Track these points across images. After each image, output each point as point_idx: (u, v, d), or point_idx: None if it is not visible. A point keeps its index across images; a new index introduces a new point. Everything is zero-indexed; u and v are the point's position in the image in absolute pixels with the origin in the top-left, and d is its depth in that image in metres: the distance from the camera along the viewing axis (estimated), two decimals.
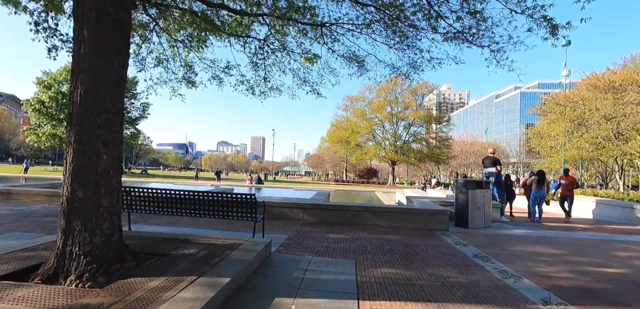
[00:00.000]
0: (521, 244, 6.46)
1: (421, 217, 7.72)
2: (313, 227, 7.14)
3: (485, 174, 10.55)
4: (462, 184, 8.42)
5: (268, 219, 7.70)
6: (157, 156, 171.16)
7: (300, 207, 8.03)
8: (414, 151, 49.62)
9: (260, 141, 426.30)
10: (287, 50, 8.34)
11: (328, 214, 7.95)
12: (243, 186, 26.42)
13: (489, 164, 10.40)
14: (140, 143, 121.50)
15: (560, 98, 18.68)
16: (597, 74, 17.05)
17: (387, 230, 7.28)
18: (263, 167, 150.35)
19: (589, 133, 16.11)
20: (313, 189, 26.60)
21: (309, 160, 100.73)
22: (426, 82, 48.75)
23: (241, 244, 4.43)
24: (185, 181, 30.19)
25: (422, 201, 9.43)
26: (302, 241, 5.80)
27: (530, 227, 9.15)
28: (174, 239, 4.59)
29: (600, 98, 16.15)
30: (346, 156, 59.25)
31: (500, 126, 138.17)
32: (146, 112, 54.07)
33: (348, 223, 7.74)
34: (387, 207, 7.94)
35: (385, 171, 78.89)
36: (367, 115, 51.11)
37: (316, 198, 9.45)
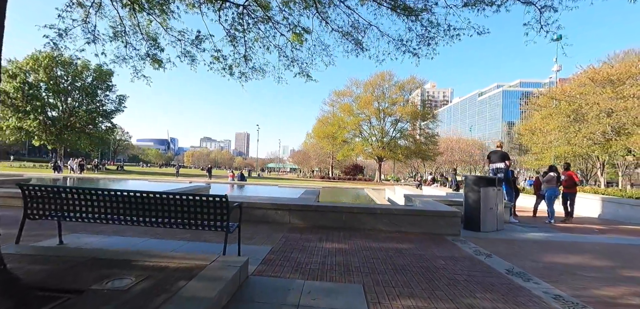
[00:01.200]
0: (552, 253, 5.42)
1: (429, 220, 6.59)
2: (303, 234, 5.88)
3: (492, 170, 9.57)
4: (474, 182, 7.35)
5: (249, 223, 6.39)
6: (136, 152, 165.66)
7: (287, 208, 6.75)
8: (401, 148, 49.03)
9: (245, 137, 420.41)
10: (272, 22, 6.99)
11: (320, 217, 6.71)
12: (225, 183, 24.85)
13: (496, 160, 9.41)
14: (119, 138, 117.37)
15: (556, 92, 18.07)
16: (595, 68, 16.50)
17: (391, 236, 6.11)
18: (247, 163, 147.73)
19: (587, 128, 15.47)
20: (300, 186, 25.31)
21: (295, 156, 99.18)
22: (413, 78, 48.22)
23: (205, 266, 3.14)
24: (164, 179, 28.30)
25: (425, 201, 8.33)
26: (290, 254, 4.54)
27: (545, 229, 8.21)
28: (110, 260, 3.24)
29: (598, 92, 15.53)
30: (332, 153, 58.14)
31: (484, 123, 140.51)
32: (122, 105, 51.22)
33: (344, 228, 6.53)
34: (388, 208, 6.76)
35: (371, 168, 78.33)
36: (354, 110, 50.16)
37: (305, 197, 8.20)
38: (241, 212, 4.30)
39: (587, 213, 11.91)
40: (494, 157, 9.57)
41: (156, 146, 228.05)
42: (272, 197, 7.72)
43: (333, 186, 27.99)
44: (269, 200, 7.16)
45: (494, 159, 9.56)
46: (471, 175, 8.18)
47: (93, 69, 45.87)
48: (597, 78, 16.05)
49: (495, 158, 9.49)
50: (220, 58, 6.96)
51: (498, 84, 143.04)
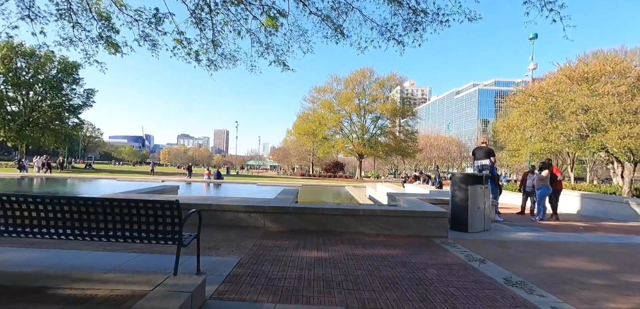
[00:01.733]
0: (547, 256, 5.04)
1: (415, 222, 6.11)
2: (277, 240, 5.24)
3: (477, 167, 9.26)
4: (461, 180, 6.93)
5: (217, 228, 5.68)
6: (109, 149, 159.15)
7: (261, 211, 6.08)
8: (381, 145, 49.08)
9: (224, 134, 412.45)
10: (244, 3, 6.27)
11: (298, 220, 6.08)
12: (200, 182, 23.74)
13: (481, 156, 9.08)
14: (89, 135, 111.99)
15: (533, 90, 18.24)
16: (571, 65, 16.72)
17: (376, 240, 5.58)
18: (226, 161, 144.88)
19: (565, 125, 15.62)
20: (279, 184, 24.54)
21: (275, 154, 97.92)
22: (394, 75, 48.29)
23: (146, 293, 2.45)
24: (135, 177, 26.75)
25: (409, 200, 7.86)
26: (261, 267, 3.89)
27: (531, 227, 7.94)
28: (20, 288, 2.48)
29: (575, 89, 15.71)
30: (313, 150, 57.56)
31: (460, 121, 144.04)
32: (91, 100, 48.41)
33: (324, 231, 5.93)
34: (372, 210, 6.22)
35: (351, 165, 78.38)
36: (335, 107, 49.71)
37: (282, 198, 7.54)
38: (200, 220, 3.60)
39: (568, 210, 11.90)
40: (479, 154, 9.25)
41: (130, 143, 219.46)
42: (245, 198, 7.00)
43: (313, 184, 27.41)
44: (241, 201, 6.45)
45: (479, 155, 9.24)
46: (458, 172, 7.78)
47: (58, 61, 43.04)
48: (573, 76, 16.24)
49: (481, 155, 9.17)
50: (183, 41, 6.16)
51: (474, 82, 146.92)
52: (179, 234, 3.00)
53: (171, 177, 28.92)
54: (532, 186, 10.68)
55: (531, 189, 10.62)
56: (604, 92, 14.71)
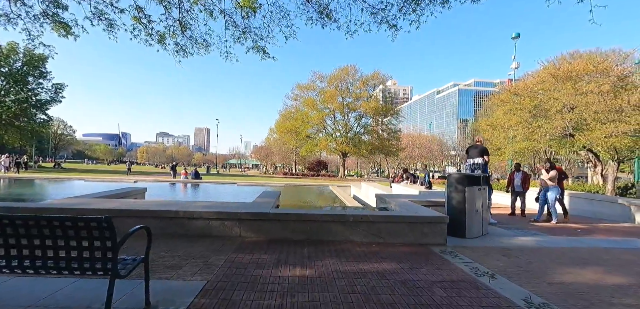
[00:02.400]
0: (559, 267, 4.50)
1: (412, 228, 5.47)
2: (255, 254, 4.46)
3: (469, 166, 8.78)
4: (457, 180, 6.35)
5: (184, 239, 4.85)
6: (82, 147, 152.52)
7: (236, 218, 5.28)
8: (365, 143, 48.79)
9: (205, 133, 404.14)
10: None
11: (279, 228, 5.33)
12: (176, 181, 22.46)
13: (475, 154, 8.59)
14: (60, 133, 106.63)
15: (518, 88, 18.15)
16: (555, 64, 16.69)
17: (368, 250, 4.90)
18: (207, 159, 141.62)
19: (550, 123, 15.52)
20: (260, 183, 23.61)
21: (257, 152, 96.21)
22: (377, 73, 48.08)
23: None
24: (106, 178, 25.09)
25: (402, 202, 7.24)
26: (231, 294, 3.11)
27: (528, 231, 7.50)
28: None
29: (560, 88, 15.64)
30: (296, 148, 56.66)
31: (441, 120, 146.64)
32: (60, 95, 45.65)
33: (310, 241, 5.20)
34: (363, 215, 5.53)
35: (335, 164, 78.01)
36: (318, 105, 48.98)
37: (262, 201, 6.75)
38: (150, 238, 2.78)
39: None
40: (473, 152, 8.76)
41: (105, 141, 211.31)
42: (219, 203, 6.16)
43: (296, 183, 26.61)
44: (213, 207, 5.62)
45: (472, 154, 8.75)
46: (455, 172, 7.21)
47: (23, 53, 40.26)
48: (558, 74, 16.18)
49: (474, 153, 8.68)
50: (144, 19, 5.26)
51: (454, 82, 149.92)
52: (113, 262, 2.18)
53: (148, 177, 27.38)
54: (521, 185, 10.34)
55: (520, 189, 10.28)
56: (588, 91, 14.68)
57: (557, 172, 8.92)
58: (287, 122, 51.64)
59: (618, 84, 15.10)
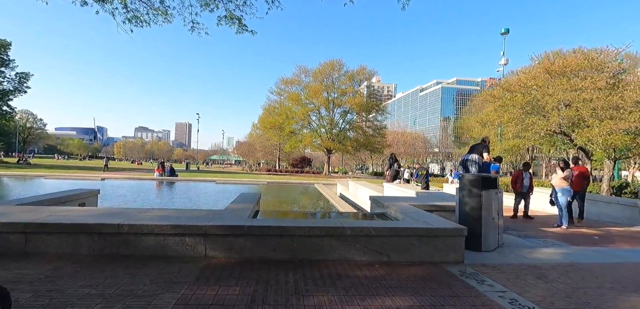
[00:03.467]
0: (615, 294, 3.53)
1: (422, 243, 4.41)
2: (221, 286, 3.27)
3: (462, 162, 7.92)
4: (472, 182, 5.35)
5: (131, 262, 3.59)
6: (55, 142, 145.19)
7: (200, 233, 4.06)
8: (350, 139, 47.92)
9: (186, 128, 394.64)
10: None
11: (257, 245, 4.15)
12: (147, 180, 20.74)
13: (473, 151, 7.71)
14: (29, 126, 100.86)
15: (512, 83, 17.56)
16: (550, 60, 16.15)
17: (371, 274, 3.80)
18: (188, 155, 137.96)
19: (545, 121, 14.94)
20: (241, 181, 22.22)
21: (239, 148, 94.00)
22: (364, 68, 47.22)
23: None
24: (75, 174, 22.98)
25: (404, 208, 6.18)
26: None
27: (545, 239, 6.62)
28: None
29: (556, 83, 15.07)
30: (279, 144, 55.19)
31: (424, 117, 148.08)
32: (24, 85, 42.45)
33: (296, 263, 4.05)
34: (364, 227, 4.42)
35: (318, 160, 77.03)
36: (303, 100, 47.69)
37: (237, 207, 5.52)
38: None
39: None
40: (471, 150, 7.89)
41: (80, 135, 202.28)
42: (180, 213, 4.88)
43: (279, 181, 25.33)
44: (170, 218, 4.35)
45: (470, 151, 7.89)
46: (469, 174, 6.21)
47: None
48: (552, 69, 15.63)
49: (475, 150, 7.79)
50: None
51: (437, 80, 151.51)
52: None
53: (123, 173, 25.40)
54: (527, 185, 9.56)
55: (527, 190, 9.50)
56: (584, 87, 14.15)
57: (570, 171, 8.12)
58: (270, 117, 50.13)
59: (611, 81, 14.68)
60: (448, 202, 7.08)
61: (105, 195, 12.33)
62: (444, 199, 7.65)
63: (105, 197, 11.61)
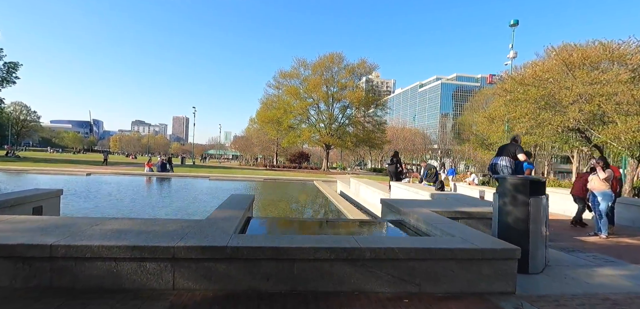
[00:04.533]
0: None
1: (462, 268, 3.36)
2: None
3: (491, 166, 6.86)
4: (517, 187, 4.28)
5: (69, 300, 2.49)
6: (50, 134, 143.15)
7: (168, 256, 2.97)
8: (349, 135, 46.82)
9: (184, 122, 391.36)
10: None
11: (245, 273, 3.08)
12: (138, 174, 19.57)
13: (504, 153, 6.62)
14: (22, 118, 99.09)
15: (526, 76, 16.49)
16: (570, 48, 15.07)
17: None
18: (185, 149, 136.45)
19: (562, 116, 13.91)
20: (238, 177, 21.13)
21: (237, 143, 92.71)
22: (364, 61, 46.05)
23: None
24: (62, 168, 21.78)
25: (425, 215, 5.12)
26: None
27: (593, 254, 5.58)
28: None
29: (575, 75, 14.02)
30: (277, 139, 53.99)
31: (424, 113, 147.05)
32: (13, 75, 41.02)
33: (297, 297, 2.99)
34: (387, 248, 3.33)
35: (316, 156, 75.97)
36: (301, 94, 46.48)
37: (224, 215, 4.45)
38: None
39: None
40: (501, 151, 6.82)
41: (75, 128, 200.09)
42: (146, 223, 3.75)
43: (276, 177, 24.24)
44: (126, 235, 3.25)
45: (499, 152, 6.81)
46: (512, 176, 5.12)
47: None
48: (571, 61, 14.58)
49: (505, 152, 6.71)
50: None
51: (437, 76, 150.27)
52: None
53: (116, 167, 24.24)
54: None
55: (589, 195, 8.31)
56: (606, 80, 13.12)
57: (611, 172, 7.08)
58: (268, 111, 48.93)
59: (634, 75, 13.67)
60: (474, 208, 6.05)
61: (86, 193, 11.24)
62: (467, 204, 6.61)
63: (82, 197, 10.51)
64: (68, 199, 9.49)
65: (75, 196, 10.49)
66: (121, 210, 8.46)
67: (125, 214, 8.04)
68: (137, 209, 8.75)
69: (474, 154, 61.38)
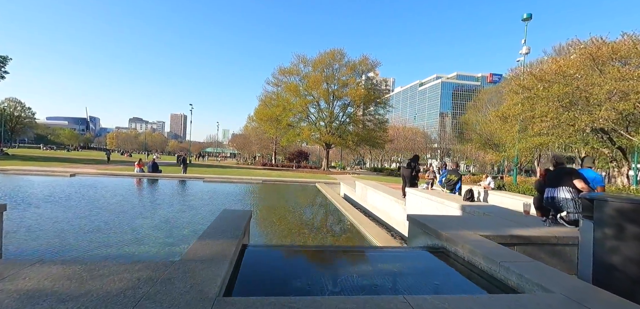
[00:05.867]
0: None
1: None
2: None
3: (548, 199, 5.43)
4: (627, 213, 2.99)
5: None
6: (45, 131, 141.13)
7: None
8: (350, 134, 45.48)
9: (182, 119, 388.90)
10: None
11: None
12: (127, 174, 18.15)
13: (560, 181, 5.22)
14: (17, 115, 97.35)
15: (548, 72, 15.22)
16: (599, 42, 13.81)
17: None
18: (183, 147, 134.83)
19: (591, 115, 12.66)
20: (232, 179, 19.78)
21: (235, 141, 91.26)
22: (366, 58, 44.66)
23: None
24: (50, 168, 20.35)
25: (476, 242, 3.83)
26: None
27: None
28: None
29: (605, 71, 12.77)
30: (276, 137, 52.60)
31: (423, 112, 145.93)
32: (2, 70, 39.45)
33: None
34: None
35: (315, 154, 74.64)
36: (301, 91, 45.08)
37: (205, 256, 3.15)
38: None
39: None
40: (557, 179, 5.36)
41: (72, 125, 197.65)
42: (78, 274, 2.44)
43: (276, 179, 22.89)
44: (27, 306, 1.91)
45: (553, 180, 5.40)
46: (615, 201, 3.79)
47: None
48: (599, 55, 13.33)
49: (560, 180, 5.30)
50: None
51: (437, 75, 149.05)
52: None
53: (105, 167, 22.83)
54: None
55: None
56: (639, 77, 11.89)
57: None
58: (267, 109, 47.51)
59: None
60: (530, 231, 4.76)
61: (59, 200, 9.90)
62: (515, 222, 5.32)
63: (53, 203, 9.18)
64: (29, 210, 8.17)
65: (45, 203, 9.16)
66: (89, 225, 7.12)
67: (90, 231, 6.72)
68: (111, 223, 7.40)
69: (476, 153, 60.41)
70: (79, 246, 5.98)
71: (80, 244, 6.06)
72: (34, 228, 6.80)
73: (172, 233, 7.00)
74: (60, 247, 5.83)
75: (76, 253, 5.67)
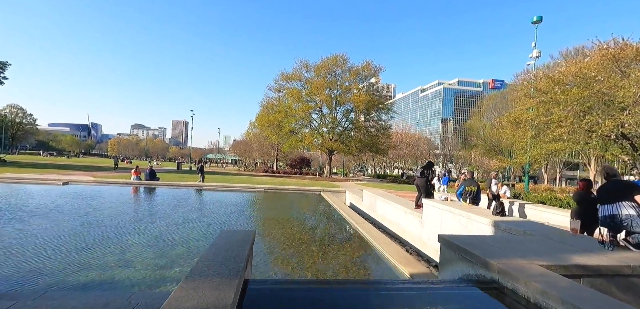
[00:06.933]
0: None
1: None
2: None
3: (604, 219, 4.51)
4: None
5: None
6: (46, 137, 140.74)
7: None
8: (354, 140, 44.66)
9: (183, 126, 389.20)
10: None
11: None
12: (123, 182, 17.34)
13: (617, 197, 4.36)
14: (18, 121, 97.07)
15: (566, 75, 14.40)
16: (624, 43, 13.01)
17: None
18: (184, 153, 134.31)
19: (616, 120, 11.85)
20: (233, 187, 18.97)
21: (236, 147, 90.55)
22: (369, 63, 43.97)
23: None
24: (44, 175, 19.57)
25: (542, 276, 3.01)
26: None
27: None
28: None
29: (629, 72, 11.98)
30: (277, 144, 51.81)
31: (425, 119, 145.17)
32: (1, 75, 38.92)
33: None
34: None
35: (318, 161, 73.75)
36: (304, 97, 44.38)
37: (200, 306, 2.33)
38: None
39: None
40: (616, 194, 4.49)
41: (73, 131, 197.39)
42: None
43: (278, 187, 22.05)
44: None
45: (607, 196, 4.54)
46: None
47: None
48: (622, 56, 12.54)
49: (618, 195, 4.44)
50: None
51: (439, 81, 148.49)
52: None
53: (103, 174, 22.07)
54: None
55: None
56: None
57: None
58: (269, 115, 46.80)
59: None
60: (596, 258, 3.91)
61: (45, 212, 9.11)
62: (574, 246, 4.47)
63: (37, 216, 8.38)
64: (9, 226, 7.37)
65: (30, 217, 8.36)
66: (73, 243, 6.32)
67: (73, 251, 5.92)
68: (97, 240, 6.59)
69: (480, 159, 59.46)
70: (58, 270, 5.20)
71: (59, 267, 5.29)
72: (12, 247, 6.01)
73: (164, 252, 6.17)
74: (36, 270, 5.05)
75: (50, 279, 4.88)
